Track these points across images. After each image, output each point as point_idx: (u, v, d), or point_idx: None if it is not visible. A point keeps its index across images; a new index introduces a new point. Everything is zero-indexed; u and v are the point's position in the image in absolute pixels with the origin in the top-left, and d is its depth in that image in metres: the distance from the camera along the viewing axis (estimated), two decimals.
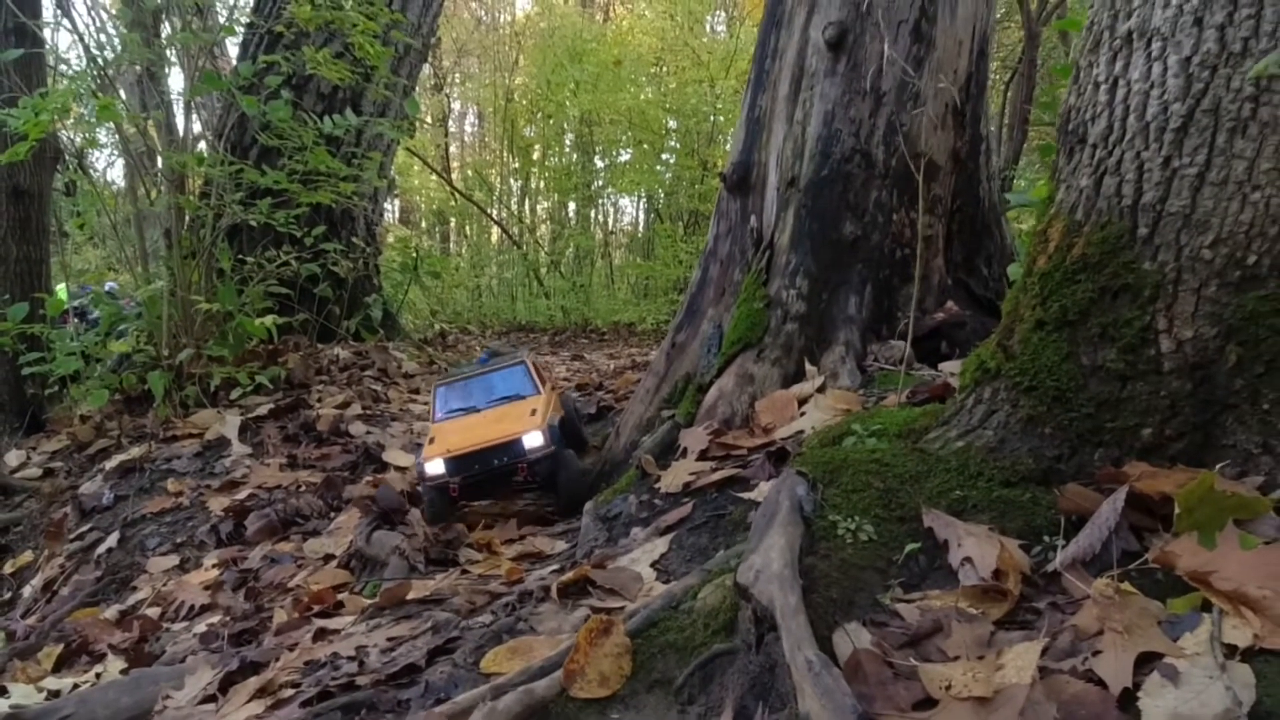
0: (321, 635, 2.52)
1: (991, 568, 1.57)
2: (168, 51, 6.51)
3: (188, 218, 6.08)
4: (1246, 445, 1.74)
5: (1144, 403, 1.79)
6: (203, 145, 6.60)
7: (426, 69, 16.59)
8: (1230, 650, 1.32)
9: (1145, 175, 1.81)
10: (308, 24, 5.88)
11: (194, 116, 7.26)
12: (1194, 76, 1.74)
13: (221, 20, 7.21)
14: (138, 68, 8.34)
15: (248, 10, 7.37)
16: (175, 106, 8.34)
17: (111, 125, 6.43)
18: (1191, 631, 1.36)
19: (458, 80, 22.07)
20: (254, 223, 5.98)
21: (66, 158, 7.24)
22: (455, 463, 3.61)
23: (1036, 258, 1.96)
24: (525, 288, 16.78)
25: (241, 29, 7.07)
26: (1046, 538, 1.70)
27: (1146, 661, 1.33)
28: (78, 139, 7.70)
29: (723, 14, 19.16)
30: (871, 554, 1.68)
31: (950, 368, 2.87)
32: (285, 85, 6.23)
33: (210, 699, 2.25)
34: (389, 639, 2.22)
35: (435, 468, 3.61)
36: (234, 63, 7.84)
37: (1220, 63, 1.72)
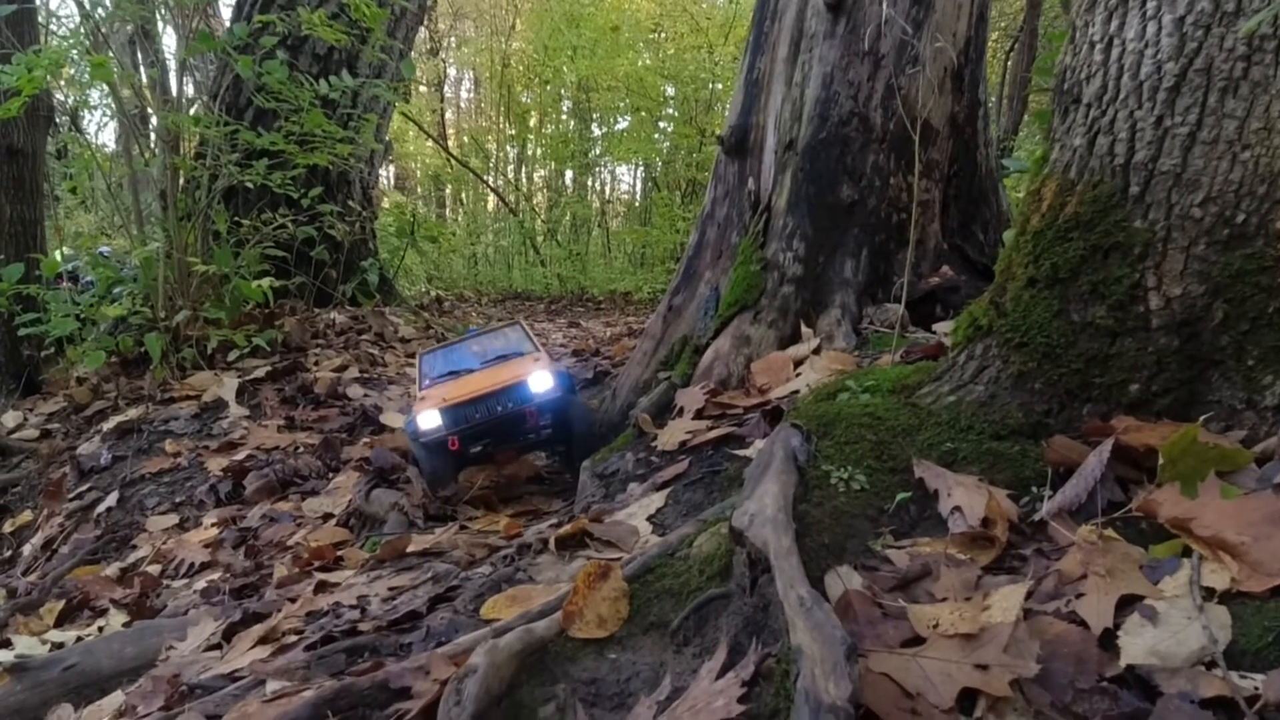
0: (323, 588, 2.56)
1: (980, 516, 1.61)
2: (160, 9, 6.46)
3: (183, 179, 6.06)
4: (1231, 401, 1.77)
5: (1132, 359, 1.82)
6: (198, 106, 6.55)
7: (422, 32, 16.44)
8: (1208, 593, 1.36)
9: (1138, 134, 1.83)
10: None
11: (188, 78, 7.23)
12: (1187, 35, 1.76)
13: None
14: (130, 28, 8.29)
15: None
16: (169, 67, 8.28)
17: (104, 87, 6.40)
18: (1171, 575, 1.40)
19: (453, 45, 21.87)
20: (250, 184, 5.96)
21: (59, 119, 7.20)
22: (453, 412, 3.23)
23: (1030, 216, 1.98)
24: (521, 256, 16.75)
25: None
26: (1034, 489, 1.74)
27: (1128, 604, 1.38)
28: (70, 100, 7.65)
29: None
30: (863, 502, 1.72)
31: (944, 329, 2.90)
32: (280, 46, 6.19)
33: (214, 648, 2.30)
34: (390, 589, 2.27)
35: (430, 420, 3.23)
36: (227, 23, 7.77)
37: (1214, 21, 1.73)
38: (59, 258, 6.47)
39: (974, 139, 3.67)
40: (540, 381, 3.24)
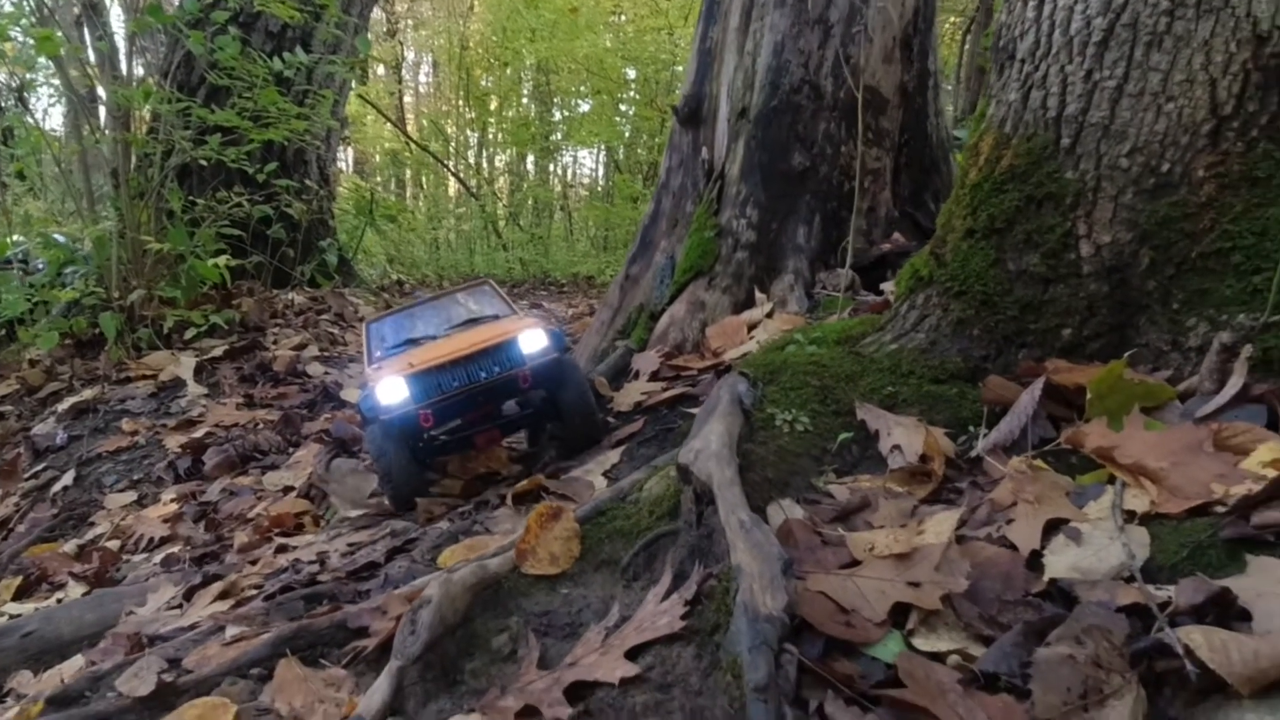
0: (283, 550, 2.58)
1: (918, 452, 1.67)
2: None
3: (135, 157, 5.98)
4: (1158, 343, 1.85)
5: (1064, 304, 1.89)
6: (149, 83, 6.45)
7: (378, 13, 16.26)
8: (1129, 515, 1.44)
9: (1068, 88, 1.90)
10: None
11: (138, 58, 7.11)
12: None
13: None
14: (76, 8, 8.13)
15: None
16: (117, 44, 8.13)
17: (51, 65, 6.28)
18: (1096, 500, 1.48)
19: (410, 26, 21.63)
20: (204, 162, 5.90)
21: (4, 101, 7.05)
22: (424, 380, 2.53)
23: (968, 170, 2.05)
24: (484, 240, 16.66)
25: None
26: (971, 428, 1.81)
27: (1056, 528, 1.45)
28: (15, 81, 7.48)
29: None
30: (807, 443, 1.78)
31: (890, 287, 2.97)
32: (232, 23, 6.11)
33: (175, 609, 2.31)
34: (349, 544, 2.30)
35: (393, 391, 2.51)
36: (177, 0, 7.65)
37: None
38: (8, 242, 6.34)
39: (924, 108, 3.74)
40: (532, 339, 2.62)
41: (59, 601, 3.11)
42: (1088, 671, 1.08)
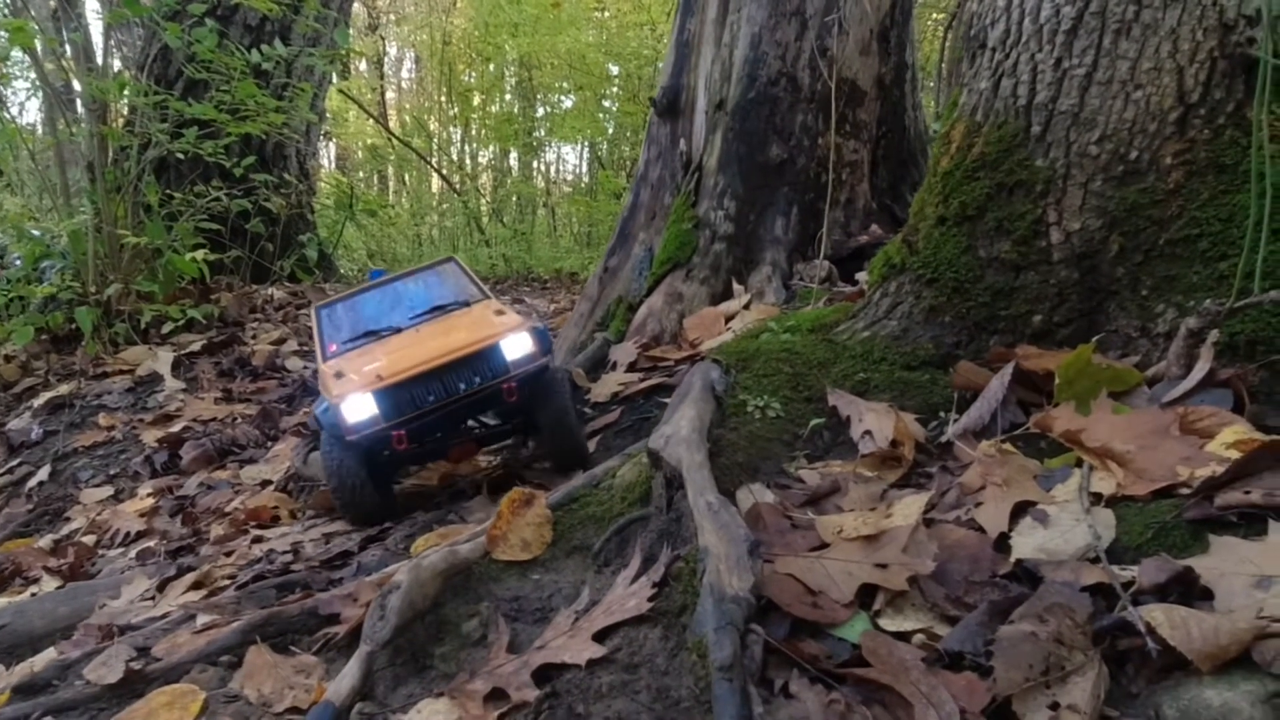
0: (259, 541, 2.57)
1: (889, 437, 1.68)
2: None
3: (111, 150, 5.92)
4: (1127, 329, 1.87)
5: (1035, 291, 1.91)
6: (126, 75, 6.39)
7: (359, 7, 16.18)
8: (1096, 498, 1.45)
9: (1039, 76, 1.91)
10: None
11: (114, 50, 7.04)
12: None
13: None
14: (52, 2, 8.04)
15: None
16: (92, 37, 8.04)
17: (25, 58, 6.21)
18: (1063, 483, 1.49)
19: (392, 20, 21.52)
20: (181, 155, 5.85)
21: None
22: (394, 395, 2.26)
23: (940, 158, 2.06)
24: (467, 236, 16.60)
25: None
26: (942, 414, 1.82)
27: (1023, 512, 1.46)
28: None
29: None
30: (779, 428, 1.78)
31: (864, 276, 2.99)
32: (210, 16, 6.06)
33: (148, 600, 2.29)
34: (324, 534, 2.29)
35: (360, 409, 2.24)
36: None
37: None
38: None
39: (902, 101, 3.76)
40: (517, 344, 2.36)
41: (32, 595, 3.09)
42: (1050, 648, 1.08)
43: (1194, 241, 1.79)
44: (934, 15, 13.25)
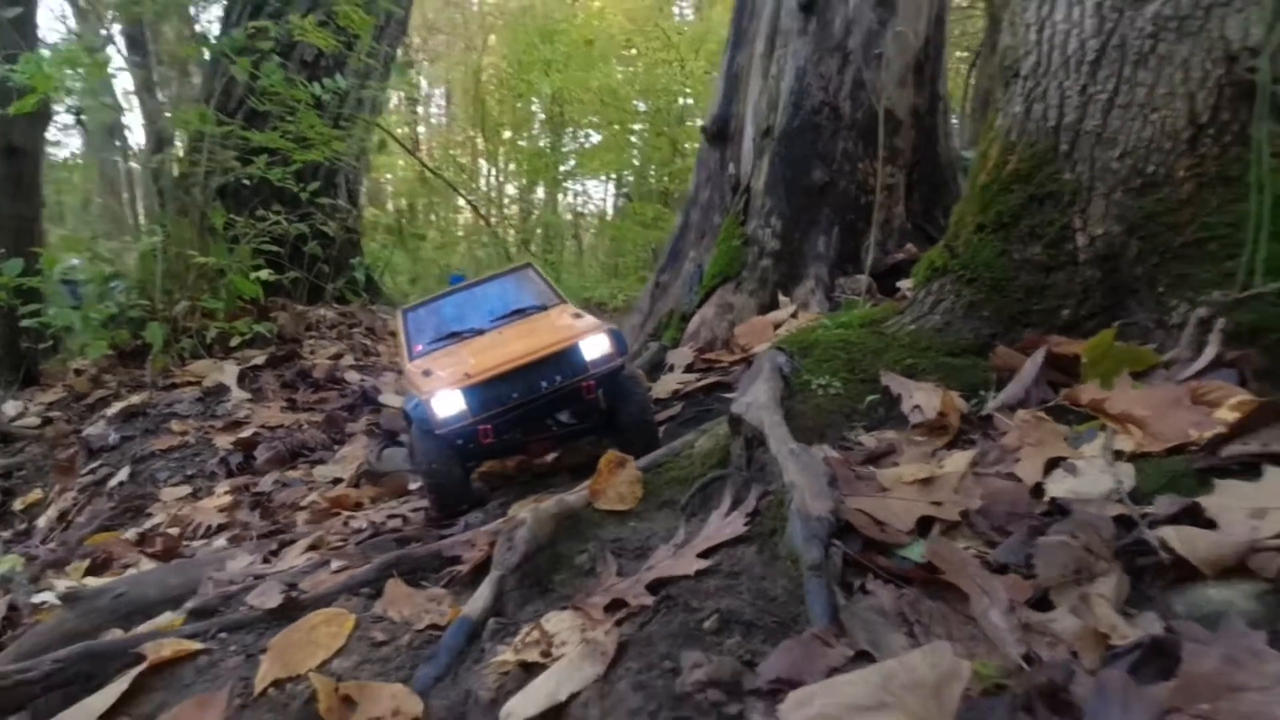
0: (352, 520, 2.83)
1: (936, 409, 1.93)
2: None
3: (175, 174, 6.29)
4: (1145, 321, 2.11)
5: (1063, 289, 2.16)
6: (203, 108, 6.79)
7: None
8: (1118, 454, 1.68)
9: (1066, 101, 2.17)
10: None
11: (163, 87, 7.47)
12: (1105, 17, 2.11)
13: None
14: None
15: None
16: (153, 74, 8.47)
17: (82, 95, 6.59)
18: (1089, 443, 1.73)
19: (425, 60, 22.15)
20: (246, 181, 6.21)
21: (64, 112, 7.36)
22: (482, 392, 2.42)
23: (978, 173, 2.32)
24: (498, 266, 16.97)
25: None
26: (982, 392, 2.06)
27: (1055, 467, 1.70)
28: (64, 105, 7.83)
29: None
30: (839, 403, 2.03)
31: (907, 284, 3.24)
32: (272, 52, 6.46)
33: (264, 563, 2.55)
34: (418, 508, 2.54)
35: (449, 404, 2.41)
36: (200, 28, 8.01)
37: (1126, 5, 2.09)
38: (54, 259, 6.65)
39: (935, 130, 4.03)
40: (596, 344, 2.50)
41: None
42: (1081, 554, 1.32)
43: (1204, 244, 2.03)
44: (959, 53, 13.59)
